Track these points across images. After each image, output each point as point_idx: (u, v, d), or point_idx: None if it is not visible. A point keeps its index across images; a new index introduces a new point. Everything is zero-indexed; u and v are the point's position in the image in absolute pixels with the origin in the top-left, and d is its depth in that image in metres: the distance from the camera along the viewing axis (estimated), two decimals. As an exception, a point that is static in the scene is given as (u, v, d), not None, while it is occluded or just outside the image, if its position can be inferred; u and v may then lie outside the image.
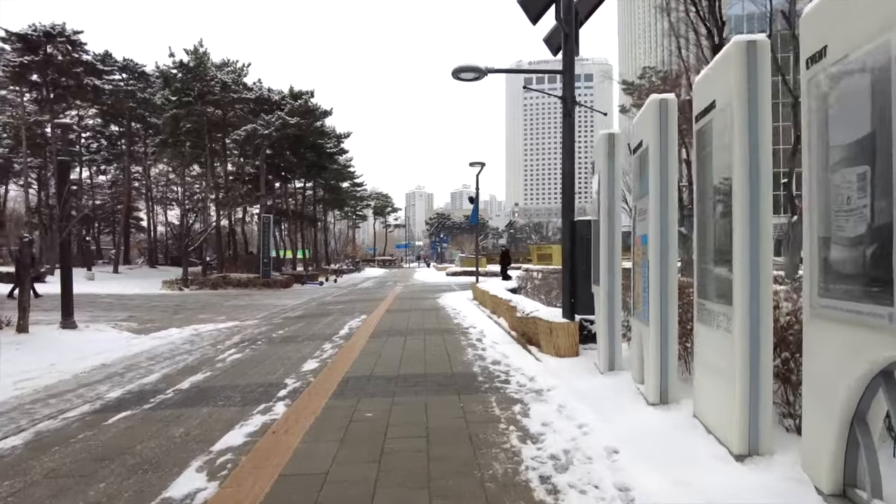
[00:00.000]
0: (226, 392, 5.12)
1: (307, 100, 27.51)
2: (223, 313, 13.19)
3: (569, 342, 6.12)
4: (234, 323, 11.11)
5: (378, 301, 15.36)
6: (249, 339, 8.64)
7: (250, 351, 7.51)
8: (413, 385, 5.10)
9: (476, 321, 9.88)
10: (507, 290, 11.77)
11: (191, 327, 10.23)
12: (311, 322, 10.78)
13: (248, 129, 24.16)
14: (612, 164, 5.19)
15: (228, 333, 9.57)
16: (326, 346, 7.65)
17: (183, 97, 23.48)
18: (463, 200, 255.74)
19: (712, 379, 3.38)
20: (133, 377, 6.03)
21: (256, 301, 16.91)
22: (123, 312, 13.08)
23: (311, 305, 15.05)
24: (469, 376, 5.41)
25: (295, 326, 10.15)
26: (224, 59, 26.16)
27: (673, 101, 4.18)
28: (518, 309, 8.03)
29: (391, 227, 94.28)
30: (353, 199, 60.24)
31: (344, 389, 5.00)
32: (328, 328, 9.62)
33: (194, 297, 18.22)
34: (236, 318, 12.22)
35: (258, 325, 10.76)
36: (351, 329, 9.35)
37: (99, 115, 31.36)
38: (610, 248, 5.14)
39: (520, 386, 4.94)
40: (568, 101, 6.45)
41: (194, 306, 15.00)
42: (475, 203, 17.54)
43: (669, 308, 4.04)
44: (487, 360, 6.20)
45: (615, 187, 5.18)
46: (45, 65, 24.39)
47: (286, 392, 4.98)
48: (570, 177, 6.54)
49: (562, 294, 6.67)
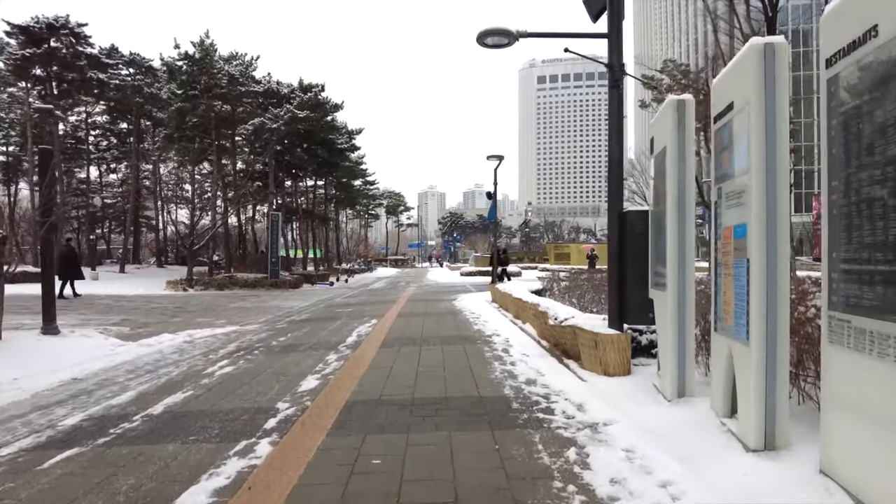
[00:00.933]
0: (203, 420, 4.17)
1: (317, 93, 26.56)
2: (224, 316, 12.32)
3: (619, 358, 5.09)
4: (234, 328, 10.21)
5: (390, 303, 14.41)
6: (246, 348, 7.71)
7: (245, 363, 6.58)
8: (432, 414, 4.11)
9: (499, 327, 8.87)
10: (530, 293, 10.76)
11: (185, 333, 9.34)
12: (316, 327, 9.84)
13: (255, 122, 23.30)
14: (682, 135, 4.14)
15: (225, 340, 8.66)
16: (331, 357, 6.69)
17: (189, 90, 22.71)
18: (475, 200, 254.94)
19: (863, 428, 2.36)
20: (102, 396, 5.12)
21: (262, 303, 16.04)
22: (119, 315, 12.27)
23: (318, 308, 14.14)
24: (500, 401, 4.41)
25: (299, 332, 9.22)
26: (233, 52, 25.44)
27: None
28: (549, 315, 7.01)
29: (404, 227, 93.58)
30: (366, 197, 59.47)
31: (346, 420, 4.02)
32: (334, 335, 8.67)
33: (197, 299, 17.42)
34: (238, 321, 11.34)
35: (259, 330, 9.85)
36: (359, 336, 8.39)
37: (106, 112, 30.78)
38: (681, 242, 4.10)
39: (567, 418, 3.92)
40: (615, 69, 5.43)
41: (195, 308, 14.17)
42: (493, 199, 16.49)
43: (779, 323, 3.01)
44: (520, 379, 5.19)
45: (688, 164, 4.13)
46: (48, 58, 23.78)
47: (276, 422, 4.02)
48: (619, 160, 5.55)
49: (608, 299, 5.64)
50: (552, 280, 12.36)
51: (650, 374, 5.04)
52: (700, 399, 4.06)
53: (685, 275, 4.13)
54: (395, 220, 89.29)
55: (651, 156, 4.84)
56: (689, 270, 4.14)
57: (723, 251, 3.61)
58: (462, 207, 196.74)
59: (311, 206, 40.35)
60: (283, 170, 30.72)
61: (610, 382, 4.86)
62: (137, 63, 29.19)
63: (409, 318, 10.79)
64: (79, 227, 46.23)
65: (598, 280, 10.88)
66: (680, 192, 4.14)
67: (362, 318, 10.86)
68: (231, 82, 23.38)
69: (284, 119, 23.75)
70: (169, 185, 40.87)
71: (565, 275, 14.31)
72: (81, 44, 25.21)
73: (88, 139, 35.88)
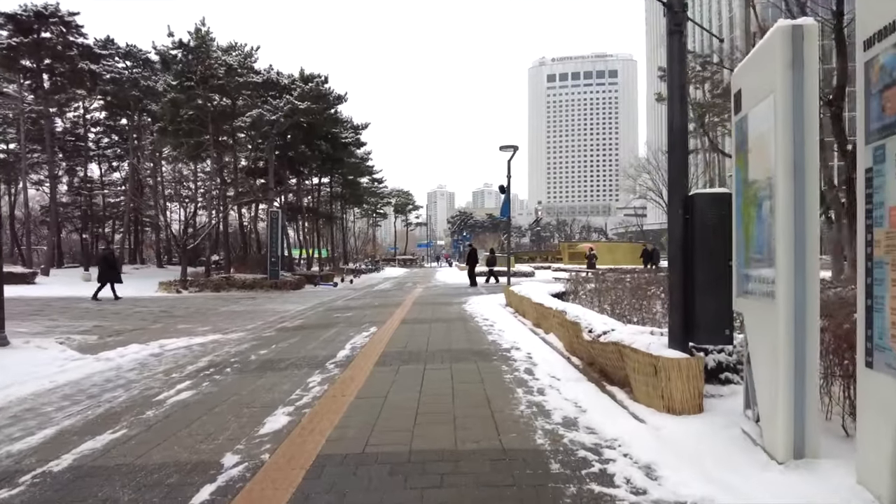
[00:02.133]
0: (112, 486, 2.94)
1: (319, 83, 25.23)
2: (210, 322, 11.14)
3: (689, 390, 3.79)
4: (216, 336, 9.01)
5: (393, 307, 13.16)
6: (219, 364, 6.49)
7: (209, 385, 5.36)
8: (436, 484, 2.83)
9: (517, 338, 7.58)
10: (551, 296, 9.47)
11: (157, 343, 8.16)
12: (307, 337, 8.61)
13: (253, 114, 22.08)
14: (799, 78, 2.83)
15: (199, 353, 7.45)
16: (314, 379, 5.45)
17: (185, 81, 21.55)
18: (485, 199, 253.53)
19: None
20: (5, 438, 3.91)
21: (257, 306, 14.87)
22: (93, 321, 11.13)
23: (316, 312, 12.92)
24: (534, 460, 3.12)
25: (285, 343, 7.99)
26: (231, 43, 24.23)
27: None
28: (582, 327, 5.71)
29: (412, 226, 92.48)
30: (373, 195, 58.24)
31: (310, 493, 2.76)
32: (325, 347, 7.43)
33: (188, 302, 16.28)
34: (223, 328, 10.15)
35: (242, 339, 8.64)
36: (353, 349, 7.14)
37: (104, 108, 29.71)
38: (800, 228, 2.80)
39: (637, 493, 2.63)
40: (676, 8, 4.13)
41: (182, 313, 13.01)
42: (506, 193, 15.18)
43: None
44: (554, 418, 3.91)
45: (809, 118, 2.82)
46: (37, 48, 22.67)
47: (210, 493, 2.77)
48: (683, 127, 4.25)
49: (669, 311, 4.34)
50: (575, 282, 11.02)
51: (730, 411, 3.74)
52: (828, 462, 2.76)
53: (807, 277, 2.82)
54: (403, 220, 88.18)
55: (736, 116, 3.54)
56: (811, 271, 2.83)
57: (887, 244, 2.31)
58: (471, 207, 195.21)
59: (316, 204, 39.19)
60: (286, 166, 29.52)
61: (680, 426, 3.56)
62: (134, 55, 28.07)
63: (413, 325, 9.53)
64: (82, 226, 45.53)
65: (633, 281, 9.51)
66: (799, 158, 2.82)
67: (361, 326, 9.61)
68: (229, 73, 22.18)
69: (284, 111, 22.43)
70: (171, 184, 39.89)
71: (588, 275, 12.96)
72: (73, 33, 24.11)
73: (88, 136, 34.98)
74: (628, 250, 35.38)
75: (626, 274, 12.30)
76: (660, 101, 50.26)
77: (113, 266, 16.40)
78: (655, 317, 6.58)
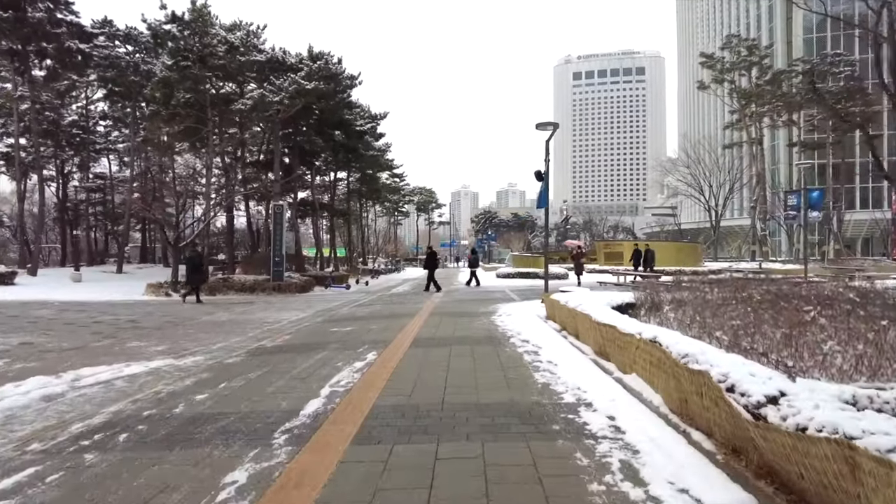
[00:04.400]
0: None
1: (328, 61, 22.70)
2: (173, 339, 8.87)
3: None
4: (162, 363, 6.68)
5: (406, 318, 10.72)
6: (116, 426, 4.13)
7: (59, 478, 2.98)
8: None
9: (581, 379, 5.05)
10: (612, 309, 6.92)
11: (75, 373, 5.93)
12: (277, 368, 6.21)
13: (255, 95, 19.78)
14: None
15: (113, 396, 5.15)
16: (239, 473, 3.02)
17: (181, 61, 19.41)
18: (509, 199, 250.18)
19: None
20: None
21: (248, 314, 12.61)
22: (29, 335, 9.00)
23: (312, 324, 10.53)
24: None
25: (240, 381, 5.59)
26: (236, 21, 22.03)
27: None
28: (714, 380, 3.18)
29: (435, 225, 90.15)
30: (394, 192, 55.89)
31: None
32: (292, 391, 5.03)
33: (169, 309, 14.10)
34: (182, 349, 7.85)
35: (191, 370, 6.29)
36: (331, 398, 4.71)
37: (106, 97, 27.83)
38: None
39: None
40: None
41: (151, 323, 10.80)
42: (545, 180, 12.59)
43: None
44: None
45: None
46: (20, 25, 20.69)
47: None
48: None
49: None
50: (645, 288, 8.35)
51: None
52: None
53: None
54: (426, 218, 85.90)
55: None
56: None
57: None
58: (495, 207, 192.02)
59: (331, 200, 36.94)
60: (297, 157, 27.18)
61: None
62: (135, 39, 26.11)
63: (427, 349, 7.05)
64: (95, 223, 44.30)
65: (746, 292, 6.81)
66: None
67: (358, 349, 7.17)
68: (230, 52, 19.95)
69: (289, 91, 20.06)
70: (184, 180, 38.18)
71: (662, 277, 10.29)
72: (61, 10, 22.21)
73: (96, 129, 33.42)
74: (674, 250, 32.13)
75: (704, 281, 9.58)
76: (702, 90, 46.78)
77: (199, 268, 16.55)
78: (826, 359, 3.97)
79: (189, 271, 16.46)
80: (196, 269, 16.37)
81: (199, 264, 16.68)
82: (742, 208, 67.31)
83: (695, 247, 35.02)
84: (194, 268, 16.34)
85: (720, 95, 46.10)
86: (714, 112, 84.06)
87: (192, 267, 16.38)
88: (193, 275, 16.26)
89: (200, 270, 16.69)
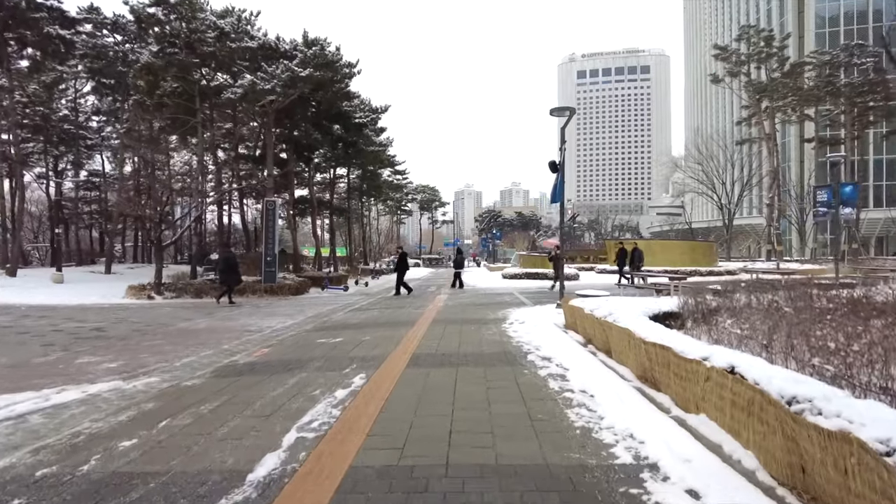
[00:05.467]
0: None
1: (324, 47, 21.38)
2: (139, 351, 7.67)
3: None
4: (101, 388, 5.48)
5: (405, 327, 9.47)
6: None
7: None
8: None
9: (630, 420, 3.80)
10: (647, 318, 5.71)
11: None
12: (237, 398, 5.00)
13: (245, 83, 18.52)
14: None
15: (5, 443, 3.92)
16: None
17: (167, 47, 18.21)
18: (512, 198, 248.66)
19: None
20: None
21: (228, 321, 11.40)
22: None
23: (297, 335, 9.29)
24: None
25: (185, 420, 4.38)
26: (227, 8, 20.76)
27: None
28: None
29: (439, 224, 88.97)
30: (396, 189, 54.58)
31: None
32: (248, 435, 3.81)
33: (146, 313, 12.89)
34: (139, 366, 6.64)
35: (132, 400, 5.07)
36: (297, 449, 3.48)
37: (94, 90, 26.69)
38: None
39: None
40: None
41: (117, 332, 9.58)
42: (559, 172, 11.31)
43: None
44: None
45: None
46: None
47: None
48: None
49: None
50: (695, 293, 7.06)
51: None
52: None
53: None
54: (429, 217, 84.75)
55: None
56: None
57: None
58: (499, 206, 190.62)
59: (330, 197, 35.67)
60: (293, 152, 25.90)
61: None
62: (123, 28, 24.96)
63: (428, 370, 5.81)
64: (90, 222, 43.19)
65: (828, 301, 5.52)
66: None
67: (344, 369, 5.94)
68: (221, 38, 18.74)
69: (282, 79, 18.81)
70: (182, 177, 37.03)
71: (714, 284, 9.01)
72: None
73: (89, 124, 32.27)
74: (688, 249, 30.72)
75: (770, 288, 8.31)
76: (715, 83, 45.30)
77: (234, 268, 15.82)
78: None
79: (223, 272, 15.68)
80: (231, 269, 15.59)
81: (234, 264, 15.84)
82: (752, 206, 65.76)
83: (710, 246, 33.59)
84: (229, 268, 15.58)
85: (735, 89, 44.65)
86: (722, 108, 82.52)
87: (227, 267, 15.61)
88: (228, 275, 15.49)
89: (236, 271, 15.86)
